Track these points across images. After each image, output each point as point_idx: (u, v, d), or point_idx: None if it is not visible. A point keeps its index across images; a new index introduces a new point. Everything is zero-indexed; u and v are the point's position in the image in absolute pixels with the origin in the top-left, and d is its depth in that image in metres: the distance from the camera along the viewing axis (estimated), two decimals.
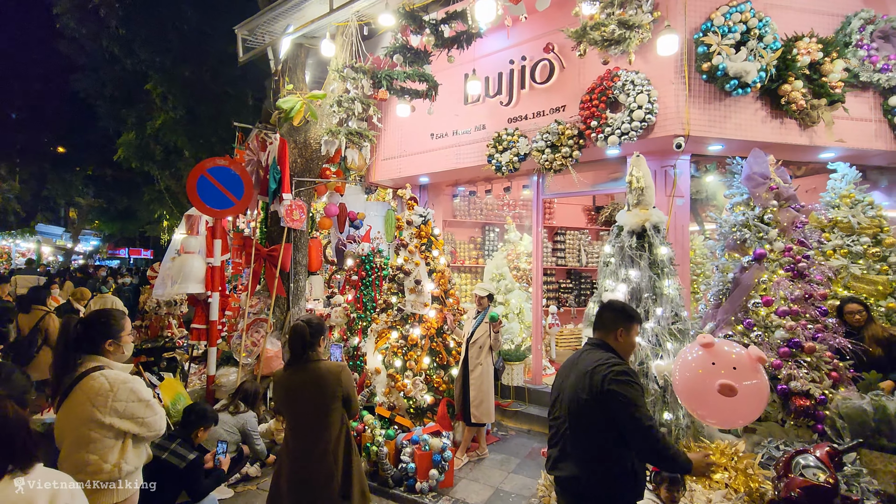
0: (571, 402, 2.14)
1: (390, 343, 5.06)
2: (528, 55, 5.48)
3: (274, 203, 5.77)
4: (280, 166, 5.69)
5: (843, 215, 4.86)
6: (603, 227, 10.34)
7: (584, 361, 2.18)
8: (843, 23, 4.84)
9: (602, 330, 2.30)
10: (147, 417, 2.17)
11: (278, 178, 5.68)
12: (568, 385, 2.21)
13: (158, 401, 2.62)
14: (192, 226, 5.71)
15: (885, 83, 4.81)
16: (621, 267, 4.28)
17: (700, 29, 4.45)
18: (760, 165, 4.53)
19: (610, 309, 2.33)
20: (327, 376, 2.56)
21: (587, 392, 2.06)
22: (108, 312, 2.26)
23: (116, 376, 2.11)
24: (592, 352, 2.23)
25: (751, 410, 2.75)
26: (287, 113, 5.61)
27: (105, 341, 2.18)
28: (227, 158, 5.53)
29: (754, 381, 2.68)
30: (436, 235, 5.38)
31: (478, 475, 4.49)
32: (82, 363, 2.13)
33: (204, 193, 5.28)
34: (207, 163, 5.32)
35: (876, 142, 5.01)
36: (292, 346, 2.61)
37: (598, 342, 2.28)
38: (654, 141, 4.68)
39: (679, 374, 3.14)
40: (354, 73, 5.02)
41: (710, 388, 2.82)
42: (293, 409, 2.57)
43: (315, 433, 2.52)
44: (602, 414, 2.03)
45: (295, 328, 2.61)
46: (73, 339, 2.13)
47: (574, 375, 2.19)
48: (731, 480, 3.45)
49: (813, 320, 4.15)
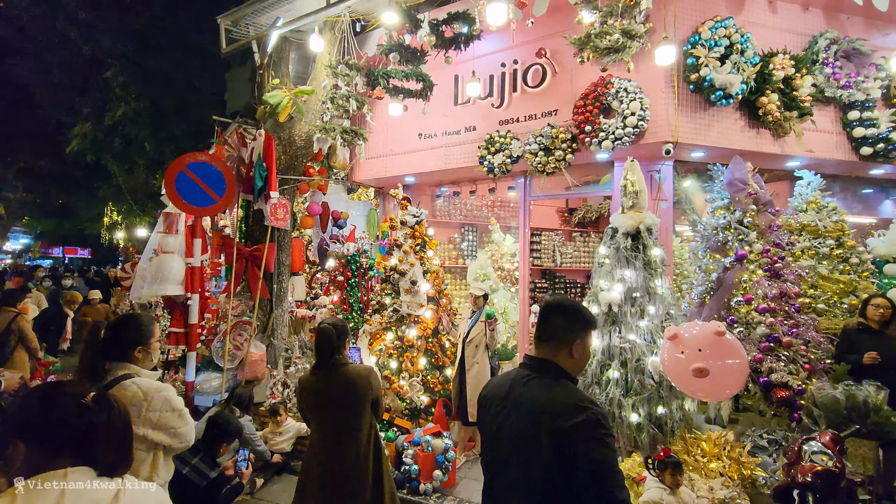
0: (521, 449, 1.54)
1: (385, 344, 5.01)
2: (521, 59, 5.57)
3: (259, 201, 5.57)
4: (266, 163, 5.49)
5: (811, 219, 5.26)
6: (576, 228, 10.67)
7: (533, 396, 1.57)
8: (811, 42, 5.23)
9: (551, 343, 1.65)
10: (180, 428, 2.05)
11: (265, 175, 5.48)
12: (509, 424, 1.60)
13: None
14: (170, 224, 5.41)
15: (846, 99, 5.24)
16: (616, 267, 4.43)
17: (688, 41, 4.69)
18: (741, 172, 4.82)
19: (561, 313, 1.67)
20: (357, 380, 2.51)
21: (547, 446, 1.46)
22: (138, 317, 2.14)
23: (150, 385, 1.99)
24: (539, 382, 1.60)
25: (734, 379, 2.98)
26: (274, 108, 5.43)
27: (135, 348, 2.05)
28: (207, 154, 5.29)
29: (723, 356, 2.90)
30: (429, 235, 5.36)
31: (477, 474, 4.51)
32: (110, 371, 1.99)
33: (183, 190, 5.01)
34: (187, 157, 5.06)
35: (836, 152, 5.44)
36: (320, 350, 2.55)
37: (543, 364, 1.64)
38: (643, 147, 4.87)
39: (665, 368, 3.40)
40: (348, 70, 4.93)
41: (689, 374, 3.06)
42: (322, 414, 2.51)
43: (346, 438, 2.47)
44: (564, 474, 1.44)
45: (322, 331, 2.55)
46: (101, 345, 1.99)
47: (520, 415, 1.57)
48: (725, 469, 3.66)
49: (788, 316, 4.47)
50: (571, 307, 1.69)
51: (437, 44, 4.52)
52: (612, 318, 4.40)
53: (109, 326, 2.07)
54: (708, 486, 3.36)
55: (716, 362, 2.68)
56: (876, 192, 7.19)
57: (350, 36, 5.05)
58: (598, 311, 4.52)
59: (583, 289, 10.40)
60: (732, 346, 2.85)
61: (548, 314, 1.70)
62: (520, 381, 1.64)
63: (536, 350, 1.70)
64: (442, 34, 4.45)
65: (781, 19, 5.20)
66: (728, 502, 3.23)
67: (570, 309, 1.68)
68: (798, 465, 2.47)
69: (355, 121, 6.23)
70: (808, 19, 5.33)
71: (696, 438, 3.96)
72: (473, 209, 9.29)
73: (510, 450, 1.58)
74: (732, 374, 3.05)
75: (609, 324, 4.39)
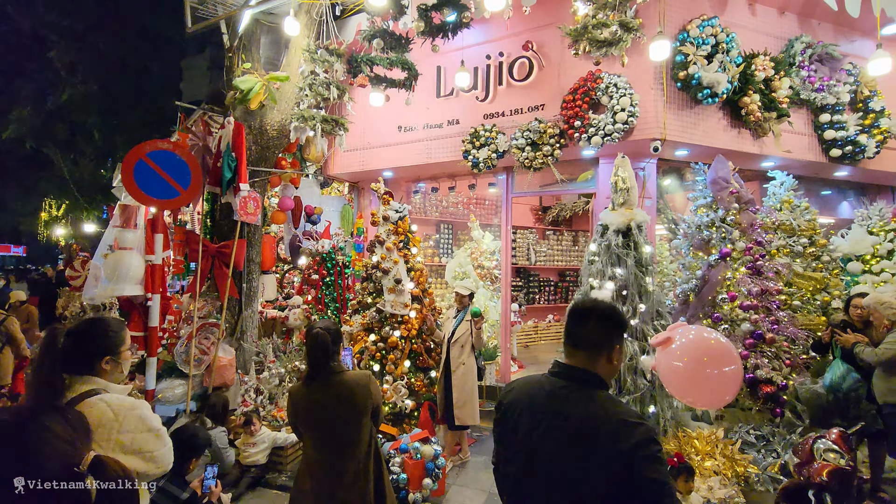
0: (565, 473, 1.38)
1: (367, 346, 4.75)
2: (507, 52, 5.44)
3: (227, 194, 5.17)
4: (236, 153, 5.09)
5: (786, 218, 5.40)
6: (549, 226, 10.71)
7: (578, 414, 1.40)
8: (788, 45, 5.37)
9: (589, 350, 1.47)
10: (157, 451, 1.75)
11: (234, 166, 5.09)
12: (554, 439, 1.41)
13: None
14: (128, 218, 4.92)
15: (819, 102, 5.40)
16: (608, 265, 4.36)
17: (677, 39, 4.68)
18: (724, 171, 4.86)
19: (599, 317, 1.50)
20: (357, 389, 2.27)
21: (599, 470, 1.32)
22: (105, 322, 1.81)
23: (121, 402, 1.68)
24: (581, 395, 1.43)
25: (735, 385, 2.75)
26: (245, 94, 5.04)
27: (102, 358, 1.73)
28: (169, 142, 4.86)
29: (722, 364, 2.72)
30: (413, 232, 5.14)
31: (466, 480, 4.35)
32: (71, 386, 1.67)
33: (143, 181, 4.58)
34: (147, 146, 4.63)
35: (808, 154, 5.62)
36: (312, 358, 2.29)
37: (583, 375, 1.46)
38: (631, 143, 4.84)
39: (664, 379, 3.12)
40: (328, 56, 4.64)
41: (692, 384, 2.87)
42: (319, 429, 2.26)
43: (346, 453, 2.23)
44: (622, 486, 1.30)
45: (315, 337, 2.29)
46: (60, 356, 1.66)
47: (565, 436, 1.39)
48: (719, 468, 3.65)
49: (769, 313, 4.55)
50: (610, 310, 1.53)
51: (425, 30, 4.30)
52: None
53: (70, 333, 1.74)
54: (707, 485, 3.32)
55: (715, 370, 2.60)
56: (835, 194, 7.55)
57: (330, 19, 4.75)
58: None
59: (556, 287, 10.46)
60: (730, 352, 2.77)
61: (583, 318, 1.50)
62: (557, 395, 1.46)
63: (569, 358, 1.52)
64: (430, 20, 4.23)
65: (761, 22, 5.30)
66: (728, 501, 3.19)
67: (609, 312, 1.51)
68: (810, 465, 2.43)
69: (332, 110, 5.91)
70: (785, 23, 5.46)
71: (689, 437, 3.94)
72: (450, 206, 9.13)
73: (549, 472, 1.41)
74: (734, 381, 2.96)
75: None
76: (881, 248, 5.47)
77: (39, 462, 1.26)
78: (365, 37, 4.63)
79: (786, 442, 4.00)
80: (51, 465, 1.25)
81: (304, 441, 2.35)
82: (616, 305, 1.63)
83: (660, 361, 2.81)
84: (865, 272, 5.57)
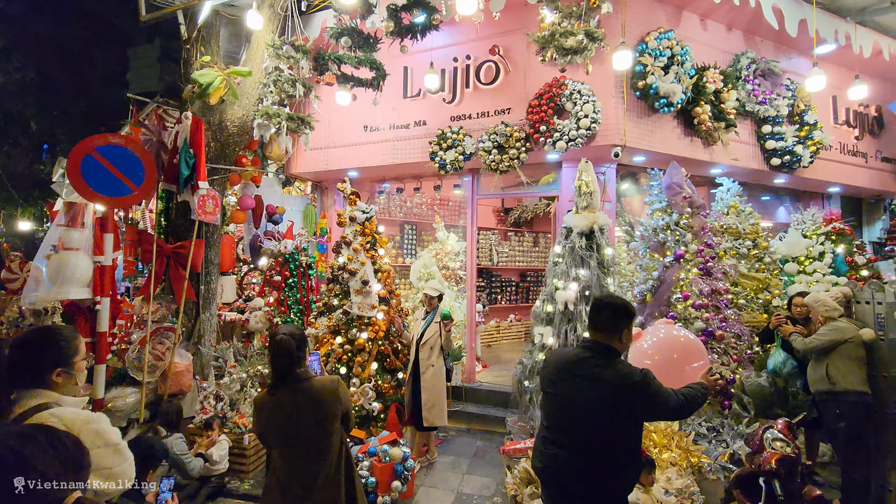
0: (601, 411, 2.06)
1: (333, 349, 4.68)
2: (474, 55, 5.50)
3: (185, 192, 4.94)
4: (194, 150, 4.88)
5: (732, 222, 5.75)
6: (511, 227, 10.91)
7: (603, 374, 2.06)
8: (735, 59, 5.73)
9: (603, 333, 2.15)
10: (117, 467, 1.66)
11: (192, 163, 4.87)
12: (586, 395, 2.09)
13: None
14: (75, 216, 4.61)
15: (762, 113, 5.80)
16: (572, 266, 4.50)
17: (636, 49, 4.89)
18: (678, 177, 5.13)
19: (611, 309, 2.14)
20: (325, 395, 2.24)
21: (611, 398, 2.03)
22: (55, 332, 1.70)
23: (75, 416, 1.58)
24: (601, 360, 2.09)
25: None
26: (204, 88, 4.84)
27: (53, 370, 1.62)
28: (121, 136, 4.60)
29: (691, 360, 2.91)
30: (380, 233, 5.10)
31: (434, 481, 4.37)
32: (19, 401, 1.56)
33: (91, 177, 4.32)
34: (96, 139, 4.36)
35: (752, 162, 6.02)
36: (278, 366, 2.22)
37: (603, 348, 2.13)
38: (593, 149, 5.01)
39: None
40: (294, 52, 4.53)
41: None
42: (287, 439, 2.19)
43: (316, 462, 2.19)
44: (636, 415, 2.07)
45: (279, 343, 2.22)
46: (5, 369, 1.54)
47: (598, 389, 2.06)
48: (676, 459, 3.85)
49: (718, 311, 4.84)
50: (620, 304, 2.16)
51: (394, 30, 4.28)
52: (567, 316, 4.47)
53: (16, 344, 1.62)
54: (665, 476, 3.49)
55: (686, 367, 2.75)
56: (774, 200, 8.12)
57: (296, 14, 4.64)
58: (553, 309, 4.58)
59: (517, 287, 10.66)
60: (698, 348, 2.90)
61: (602, 309, 2.17)
62: (587, 360, 2.13)
63: (592, 336, 2.21)
64: (400, 21, 4.22)
65: (711, 36, 5.63)
66: (684, 490, 3.38)
67: (619, 305, 2.16)
68: (760, 453, 2.62)
69: (297, 108, 5.77)
70: (732, 39, 5.82)
71: (647, 431, 4.13)
72: (414, 207, 9.12)
73: (593, 406, 2.06)
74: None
75: (565, 322, 4.45)
76: (814, 250, 5.93)
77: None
78: (332, 34, 4.55)
79: (734, 432, 4.27)
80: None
81: (271, 452, 2.28)
82: (625, 299, 2.24)
83: (631, 359, 2.93)
84: (800, 272, 6.03)
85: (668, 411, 2.07)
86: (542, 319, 4.64)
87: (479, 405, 5.90)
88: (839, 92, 6.68)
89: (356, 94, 5.03)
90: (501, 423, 5.26)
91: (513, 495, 3.69)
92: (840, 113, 6.96)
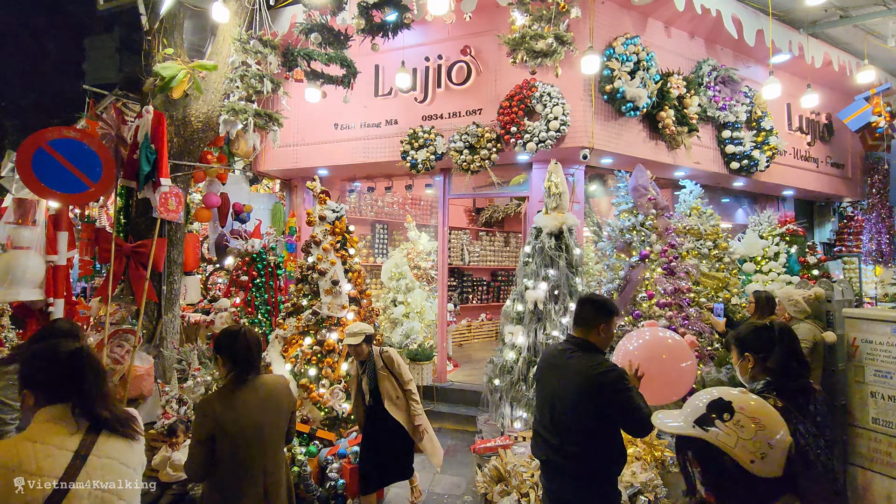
0: (570, 400, 2.19)
1: (302, 350, 4.60)
2: (445, 55, 5.50)
3: (145, 189, 4.76)
4: (156, 145, 4.70)
5: (694, 223, 5.96)
6: (482, 227, 10.98)
7: (579, 364, 2.19)
8: (697, 66, 5.93)
9: (583, 327, 2.29)
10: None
11: (153, 159, 4.69)
12: (561, 384, 2.24)
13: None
14: (25, 213, 4.37)
15: (722, 119, 6.03)
16: (542, 266, 4.57)
17: (604, 54, 5.01)
18: (643, 179, 5.28)
19: (591, 305, 2.30)
20: (279, 390, 2.21)
21: (589, 391, 2.12)
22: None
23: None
24: (577, 353, 2.24)
25: (691, 379, 3.01)
26: (167, 82, 4.68)
27: None
28: (76, 129, 4.40)
29: (678, 360, 3.02)
30: (350, 232, 5.05)
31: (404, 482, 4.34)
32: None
33: (43, 172, 4.11)
34: (49, 133, 4.15)
35: (713, 165, 6.26)
36: (244, 359, 2.13)
37: (581, 341, 2.28)
38: (562, 150, 5.10)
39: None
40: (262, 47, 4.43)
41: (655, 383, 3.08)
42: (244, 437, 2.04)
43: (274, 456, 2.15)
44: (601, 408, 2.11)
45: (245, 335, 2.16)
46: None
47: (569, 377, 2.21)
48: (640, 453, 3.96)
49: (681, 309, 5.02)
50: (600, 300, 2.31)
51: (364, 28, 4.24)
52: (537, 315, 4.54)
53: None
54: (630, 471, 3.59)
55: (677, 366, 2.80)
56: (732, 202, 8.47)
57: (264, 8, 4.53)
58: (523, 308, 4.64)
59: (488, 286, 10.75)
60: (685, 348, 2.93)
61: (583, 304, 2.33)
62: (566, 353, 2.29)
63: (574, 331, 2.36)
64: (371, 18, 4.18)
65: (675, 43, 5.82)
66: (648, 484, 3.48)
67: (598, 302, 2.30)
68: None
69: (265, 104, 5.65)
70: (694, 46, 6.03)
71: None
72: (385, 206, 9.06)
73: (565, 393, 2.21)
74: (691, 375, 3.08)
75: (535, 321, 4.52)
76: (769, 250, 6.21)
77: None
78: (301, 30, 4.47)
79: None
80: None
81: (221, 450, 2.02)
82: (606, 297, 2.40)
83: (620, 360, 2.95)
84: (757, 272, 6.31)
85: (636, 421, 2.05)
86: (512, 319, 4.69)
87: (450, 404, 5.92)
88: (793, 100, 7.02)
89: (326, 92, 4.96)
90: (472, 422, 5.29)
91: (483, 493, 3.72)
92: (794, 120, 7.31)
